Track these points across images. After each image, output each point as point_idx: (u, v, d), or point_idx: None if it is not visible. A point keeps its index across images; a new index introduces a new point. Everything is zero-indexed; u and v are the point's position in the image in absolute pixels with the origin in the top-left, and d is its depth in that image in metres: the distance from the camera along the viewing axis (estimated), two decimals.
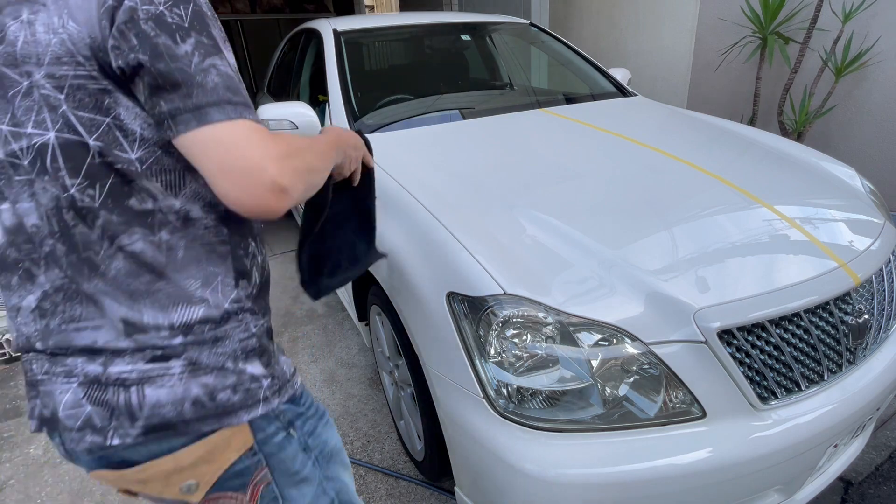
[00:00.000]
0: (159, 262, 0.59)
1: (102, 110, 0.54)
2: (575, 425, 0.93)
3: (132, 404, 0.58)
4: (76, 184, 0.55)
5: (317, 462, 0.72)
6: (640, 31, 3.96)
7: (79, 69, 0.52)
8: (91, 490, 1.60)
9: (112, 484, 0.63)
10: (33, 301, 0.59)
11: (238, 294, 0.64)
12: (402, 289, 1.17)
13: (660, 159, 1.44)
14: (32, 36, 0.52)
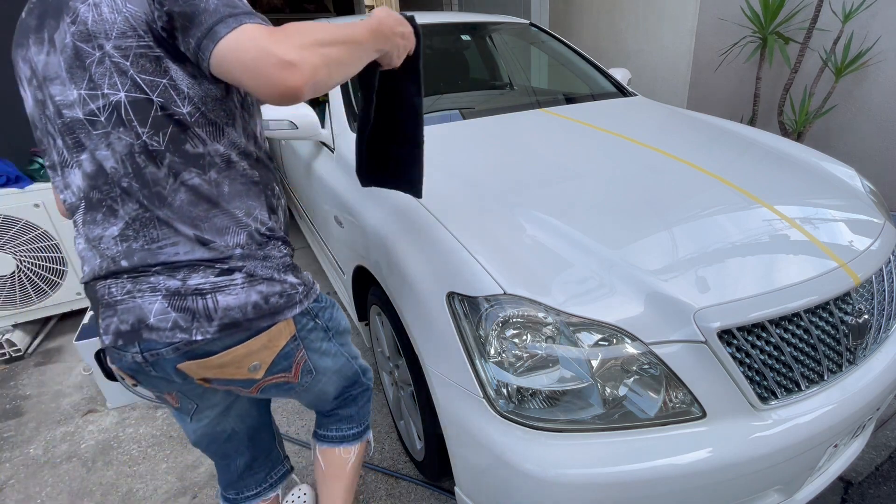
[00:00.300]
0: (212, 194, 0.75)
1: (160, 73, 0.68)
2: (575, 425, 0.93)
3: (209, 308, 0.75)
4: (145, 132, 0.70)
5: (332, 338, 0.96)
6: (640, 31, 3.96)
7: (139, 41, 0.66)
8: (91, 490, 1.60)
9: (195, 373, 0.80)
10: (116, 230, 0.74)
11: (271, 224, 0.83)
12: (402, 289, 1.17)
13: (660, 159, 1.44)
14: (99, 16, 0.65)
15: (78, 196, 0.75)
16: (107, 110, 0.68)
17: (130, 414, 1.94)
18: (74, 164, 0.73)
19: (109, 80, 0.67)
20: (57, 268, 2.38)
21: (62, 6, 0.68)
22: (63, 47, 0.68)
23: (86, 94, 0.68)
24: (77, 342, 1.82)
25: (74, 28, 0.66)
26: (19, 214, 2.22)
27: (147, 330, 0.74)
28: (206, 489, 1.58)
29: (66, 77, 0.69)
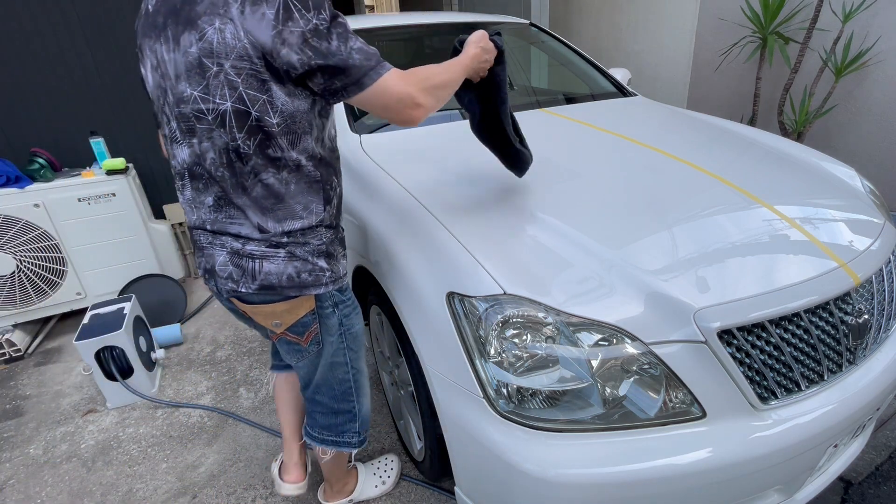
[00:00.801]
0: (280, 191, 0.92)
1: (262, 91, 0.82)
2: (575, 425, 0.93)
3: (255, 270, 0.95)
4: (240, 136, 0.85)
5: (343, 334, 1.11)
6: (640, 31, 3.96)
7: (252, 65, 0.80)
8: (91, 490, 1.60)
9: (238, 307, 1.03)
10: (210, 201, 0.94)
11: (323, 215, 0.99)
12: (402, 289, 1.17)
13: (660, 159, 1.44)
14: (223, 39, 0.79)
15: (182, 166, 0.94)
16: (214, 113, 0.84)
17: (130, 414, 1.94)
18: (184, 143, 0.91)
19: (220, 91, 0.82)
20: (57, 268, 2.38)
21: (191, 21, 0.80)
22: (187, 54, 0.82)
23: (199, 95, 0.84)
24: (77, 342, 1.83)
25: (201, 44, 0.80)
26: (19, 214, 2.22)
27: (211, 274, 0.99)
28: (206, 489, 1.58)
29: (185, 77, 0.84)
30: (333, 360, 1.13)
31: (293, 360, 1.12)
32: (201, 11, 0.79)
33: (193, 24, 0.80)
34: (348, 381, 1.17)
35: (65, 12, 2.38)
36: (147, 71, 0.92)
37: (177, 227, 2.93)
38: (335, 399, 1.18)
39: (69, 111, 2.52)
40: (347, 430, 1.24)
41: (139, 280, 2.55)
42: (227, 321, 2.57)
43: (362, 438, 1.26)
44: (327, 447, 1.25)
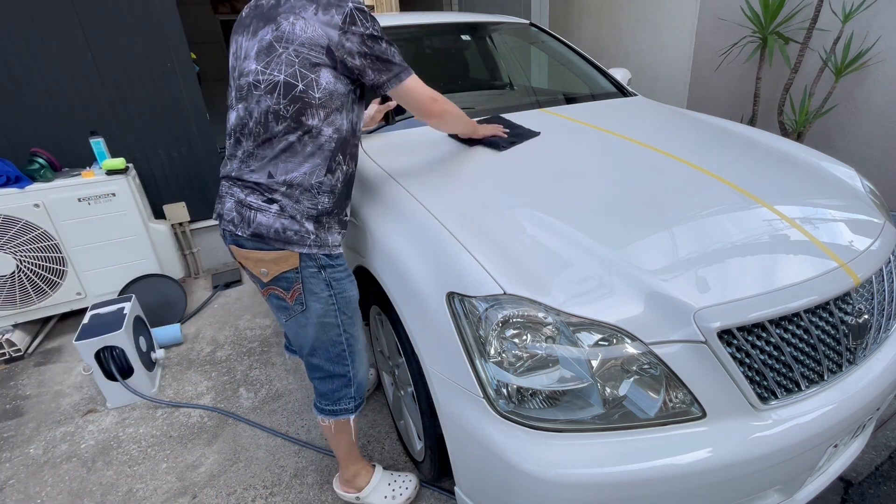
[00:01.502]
0: (296, 148, 1.09)
1: (313, 71, 1.05)
2: (575, 425, 0.93)
3: (250, 218, 1.10)
4: (283, 102, 1.06)
5: (334, 296, 1.19)
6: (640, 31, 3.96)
7: (311, 51, 1.03)
8: (91, 490, 1.60)
9: (235, 254, 1.18)
10: (241, 153, 1.13)
11: (322, 179, 1.13)
12: (402, 289, 1.17)
13: (660, 159, 1.44)
14: (293, 30, 1.03)
15: (231, 127, 1.15)
16: (267, 83, 1.06)
17: (130, 414, 1.94)
18: (235, 108, 1.13)
19: (278, 67, 1.04)
20: (57, 268, 2.38)
21: (271, 18, 1.06)
22: (261, 41, 1.06)
23: (260, 68, 1.06)
24: (77, 342, 1.83)
25: (275, 33, 1.04)
26: (19, 214, 2.22)
27: (220, 217, 1.16)
28: (206, 489, 1.58)
29: (253, 57, 1.07)
30: (324, 320, 1.18)
31: (281, 317, 1.20)
32: (281, 11, 1.05)
33: (272, 20, 1.05)
34: (341, 343, 1.23)
35: (65, 12, 2.38)
36: (231, 56, 1.19)
37: (176, 227, 2.93)
38: (330, 361, 1.24)
39: (69, 111, 2.52)
40: (343, 395, 1.29)
41: (139, 280, 2.55)
42: (227, 321, 2.57)
43: (358, 402, 1.32)
44: (326, 417, 1.31)
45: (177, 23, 2.63)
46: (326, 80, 1.06)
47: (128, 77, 2.59)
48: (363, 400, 1.35)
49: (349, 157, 1.18)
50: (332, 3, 1.03)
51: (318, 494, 1.54)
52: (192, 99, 2.78)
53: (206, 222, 3.07)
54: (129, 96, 2.63)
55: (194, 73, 2.76)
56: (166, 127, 2.76)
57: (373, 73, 1.10)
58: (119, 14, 2.49)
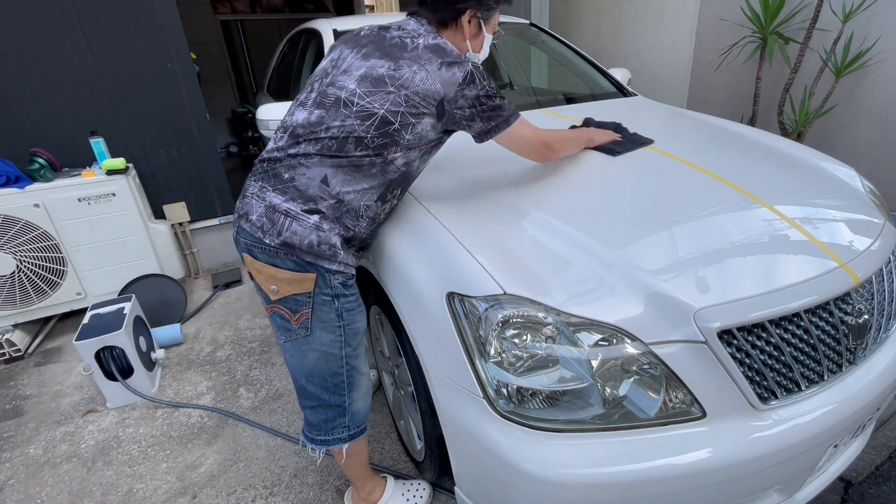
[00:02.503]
0: (363, 170, 1.08)
1: (414, 117, 1.06)
2: (575, 425, 0.93)
3: (282, 226, 1.05)
4: (371, 132, 1.05)
5: (343, 327, 1.13)
6: (640, 31, 3.96)
7: (422, 101, 1.06)
8: (91, 490, 1.60)
9: (246, 265, 1.12)
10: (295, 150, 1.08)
11: (371, 205, 1.11)
12: (402, 289, 1.17)
13: (660, 159, 1.44)
14: (412, 77, 1.05)
15: (292, 123, 1.11)
16: (362, 109, 1.05)
17: (130, 414, 1.94)
18: (306, 109, 1.11)
19: (381, 102, 1.05)
20: (57, 268, 2.38)
21: (392, 56, 1.08)
22: (372, 67, 1.07)
23: (360, 91, 1.06)
24: (77, 342, 1.83)
25: (392, 73, 1.06)
26: (19, 214, 2.22)
27: (246, 219, 1.09)
28: (206, 489, 1.58)
29: (356, 78, 1.07)
30: (328, 350, 1.13)
31: (281, 337, 1.14)
32: (407, 56, 1.08)
33: (394, 58, 1.08)
34: (341, 374, 1.16)
35: (65, 12, 2.38)
36: (325, 59, 1.19)
37: (176, 227, 2.93)
38: (326, 390, 1.17)
39: (69, 111, 2.52)
40: (337, 425, 1.21)
41: (139, 280, 2.55)
42: (227, 321, 2.57)
43: (353, 432, 1.23)
44: (317, 447, 1.23)
45: (177, 23, 2.63)
46: (423, 126, 1.08)
47: (128, 77, 2.59)
48: (362, 429, 1.26)
49: (402, 193, 1.18)
50: (455, 62, 1.08)
51: (318, 494, 1.54)
52: (192, 99, 2.78)
53: (206, 222, 3.07)
54: (129, 96, 2.63)
55: (194, 73, 2.75)
56: (166, 127, 2.76)
57: (481, 122, 1.14)
58: (119, 14, 2.49)
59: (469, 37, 1.19)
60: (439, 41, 1.11)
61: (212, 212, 3.06)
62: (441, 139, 1.17)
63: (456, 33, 1.17)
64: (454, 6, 1.14)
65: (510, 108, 1.17)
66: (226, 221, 3.11)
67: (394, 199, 1.16)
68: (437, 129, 1.11)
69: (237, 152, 6.57)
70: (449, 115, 1.10)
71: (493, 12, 1.22)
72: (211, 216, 3.07)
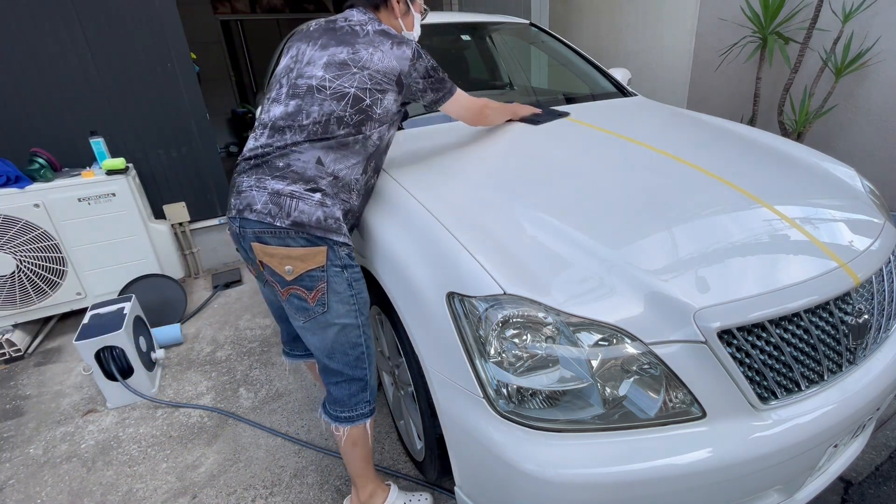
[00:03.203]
0: (350, 147, 1.18)
1: (381, 92, 1.20)
2: (575, 425, 0.93)
3: (291, 207, 1.11)
4: (348, 111, 1.17)
5: (355, 296, 1.19)
6: (640, 31, 3.96)
7: (384, 78, 1.20)
8: (91, 490, 1.60)
9: (257, 253, 1.15)
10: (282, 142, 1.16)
11: (359, 177, 1.22)
12: (402, 289, 1.17)
13: (660, 159, 1.44)
14: (370, 58, 1.19)
15: (270, 119, 1.19)
16: (335, 91, 1.16)
17: (130, 414, 1.94)
18: (282, 103, 1.19)
19: (350, 82, 1.17)
20: (57, 268, 2.38)
21: (347, 43, 1.21)
22: (332, 55, 1.19)
23: (329, 77, 1.17)
24: (77, 342, 1.83)
25: (352, 55, 1.19)
26: (19, 214, 2.22)
27: (250, 210, 1.12)
28: (206, 489, 1.58)
29: (321, 66, 1.19)
30: (346, 321, 1.18)
31: (300, 319, 1.17)
32: (361, 41, 1.21)
33: (348, 44, 1.21)
34: (361, 345, 1.22)
35: (65, 12, 2.38)
36: (284, 58, 1.30)
37: (176, 227, 2.93)
38: (349, 365, 1.22)
39: (69, 111, 2.52)
40: (359, 400, 1.26)
41: (139, 280, 2.55)
42: (227, 321, 2.57)
43: (372, 407, 1.30)
44: (342, 424, 1.27)
45: (177, 23, 2.63)
46: (388, 100, 1.22)
47: (128, 77, 2.59)
48: (374, 406, 1.31)
49: (376, 165, 1.29)
50: (402, 42, 1.24)
51: (318, 494, 1.54)
52: (192, 99, 2.78)
53: (206, 222, 3.07)
54: (129, 96, 2.63)
55: (194, 73, 2.76)
56: (166, 127, 2.76)
57: (432, 93, 1.32)
58: (119, 14, 2.49)
59: (400, 15, 1.35)
60: (384, 27, 1.26)
61: (212, 212, 3.06)
62: (400, 112, 1.31)
63: (389, 15, 1.33)
64: None
65: (449, 81, 1.36)
66: (226, 221, 3.10)
67: (369, 171, 1.26)
68: (397, 102, 1.25)
69: (237, 152, 6.57)
70: (406, 87, 1.25)
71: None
72: (211, 216, 3.07)
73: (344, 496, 1.52)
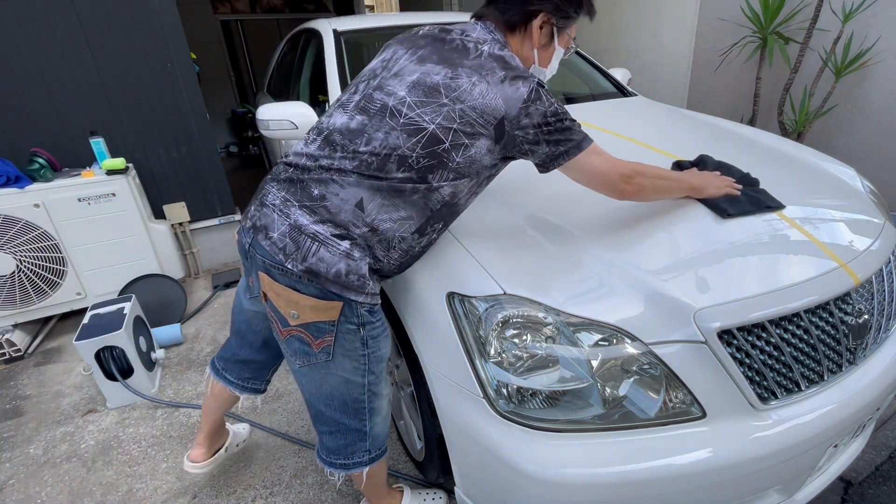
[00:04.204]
0: (404, 196, 0.95)
1: (468, 137, 0.93)
2: (575, 425, 0.93)
3: (308, 250, 0.92)
4: (418, 151, 0.93)
5: (368, 356, 1.03)
6: (639, 31, 3.96)
7: (479, 119, 0.93)
8: (91, 490, 1.60)
9: (263, 284, 0.98)
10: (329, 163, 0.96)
11: (407, 237, 0.98)
12: (402, 289, 1.17)
13: (660, 159, 1.44)
14: (470, 90, 0.93)
15: (329, 126, 1.00)
16: (410, 122, 0.93)
17: (130, 414, 1.94)
18: (347, 114, 0.99)
19: (433, 116, 0.93)
20: (57, 268, 2.38)
21: (452, 63, 0.96)
22: (427, 73, 0.96)
23: (410, 101, 0.94)
24: (77, 342, 1.82)
25: (448, 81, 0.94)
26: (19, 214, 2.22)
27: (264, 235, 0.96)
28: (206, 489, 1.58)
29: (408, 85, 0.96)
30: (350, 377, 1.04)
31: (297, 362, 1.03)
32: (467, 64, 0.96)
33: (453, 65, 0.96)
34: (362, 401, 1.07)
35: (65, 12, 2.38)
36: (376, 58, 1.09)
37: (176, 227, 2.93)
38: (345, 414, 1.08)
39: (69, 111, 2.52)
40: (357, 450, 1.12)
41: (139, 280, 2.55)
42: (227, 321, 2.57)
43: (374, 456, 1.14)
44: (336, 471, 1.14)
45: (177, 23, 2.63)
46: (478, 149, 0.95)
47: (128, 77, 2.59)
48: (382, 451, 1.17)
49: (443, 228, 1.05)
50: (520, 77, 0.95)
51: (318, 494, 1.54)
52: (192, 99, 2.77)
53: (206, 222, 3.07)
54: (129, 96, 2.63)
55: (194, 73, 2.75)
56: (166, 127, 2.76)
57: (547, 146, 0.97)
58: (119, 14, 2.49)
59: (538, 45, 1.05)
60: (505, 52, 0.99)
61: (212, 212, 3.06)
62: (496, 168, 1.03)
63: (524, 40, 1.04)
64: (526, 7, 1.01)
65: (581, 132, 0.99)
66: (226, 221, 3.10)
67: (433, 234, 1.02)
68: (493, 153, 0.97)
69: (237, 152, 6.57)
70: (509, 137, 0.95)
71: (571, 23, 1.07)
72: (211, 216, 3.07)
73: (344, 496, 1.52)
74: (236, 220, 3.12)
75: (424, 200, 0.96)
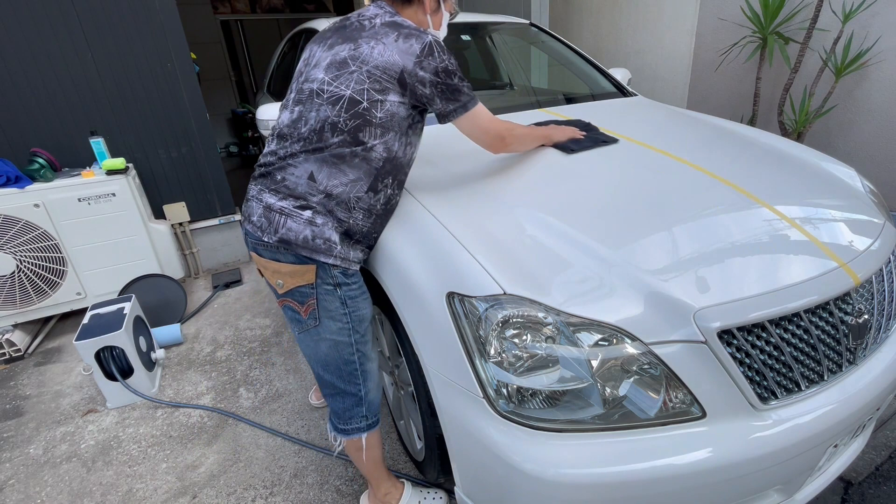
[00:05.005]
0: (347, 161, 1.09)
1: (381, 93, 1.07)
2: (575, 425, 0.93)
3: (278, 223, 1.09)
4: (343, 116, 1.07)
5: (349, 315, 1.17)
6: (640, 31, 3.96)
7: (383, 75, 1.06)
8: (91, 490, 1.60)
9: (255, 262, 1.17)
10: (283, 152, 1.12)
11: (363, 196, 1.12)
12: (402, 289, 1.17)
13: (660, 159, 1.44)
14: (371, 53, 1.06)
15: (279, 126, 1.15)
16: (332, 94, 1.07)
17: (130, 414, 1.94)
18: (289, 110, 1.14)
19: (347, 83, 1.06)
20: (57, 268, 2.38)
21: (352, 39, 1.09)
22: (336, 54, 1.09)
23: (328, 79, 1.08)
24: (77, 342, 1.83)
25: (353, 52, 1.07)
26: (19, 214, 2.22)
27: (249, 221, 1.14)
28: (206, 489, 1.58)
29: (323, 67, 1.10)
30: (338, 338, 1.17)
31: (295, 329, 1.19)
32: (365, 35, 1.09)
33: (353, 40, 1.09)
34: (353, 362, 1.20)
35: (65, 12, 2.38)
36: (300, 62, 1.22)
37: (176, 227, 2.93)
38: (342, 379, 1.21)
39: (69, 111, 2.52)
40: (354, 414, 1.26)
41: (139, 280, 2.55)
42: (227, 321, 2.57)
43: (371, 422, 1.28)
44: (339, 435, 1.28)
45: (177, 23, 2.63)
46: (391, 103, 1.08)
47: (128, 77, 2.59)
48: (377, 419, 1.30)
49: (397, 183, 1.18)
50: (412, 34, 1.08)
51: (318, 494, 1.54)
52: (192, 99, 2.78)
53: (207, 222, 3.07)
54: (129, 96, 2.63)
55: (194, 73, 2.76)
56: (166, 127, 2.76)
57: (440, 102, 1.12)
58: (119, 14, 2.49)
59: (430, 11, 1.21)
60: (396, 18, 1.13)
61: (212, 212, 3.06)
62: (414, 118, 1.15)
63: (417, 9, 1.19)
64: None
65: (470, 93, 1.16)
66: (226, 221, 3.11)
67: (387, 189, 1.16)
68: (405, 105, 1.11)
69: (237, 152, 6.57)
70: (410, 88, 1.08)
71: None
72: (211, 216, 3.07)
73: (344, 496, 1.52)
74: (236, 220, 3.12)
75: (366, 162, 1.10)
